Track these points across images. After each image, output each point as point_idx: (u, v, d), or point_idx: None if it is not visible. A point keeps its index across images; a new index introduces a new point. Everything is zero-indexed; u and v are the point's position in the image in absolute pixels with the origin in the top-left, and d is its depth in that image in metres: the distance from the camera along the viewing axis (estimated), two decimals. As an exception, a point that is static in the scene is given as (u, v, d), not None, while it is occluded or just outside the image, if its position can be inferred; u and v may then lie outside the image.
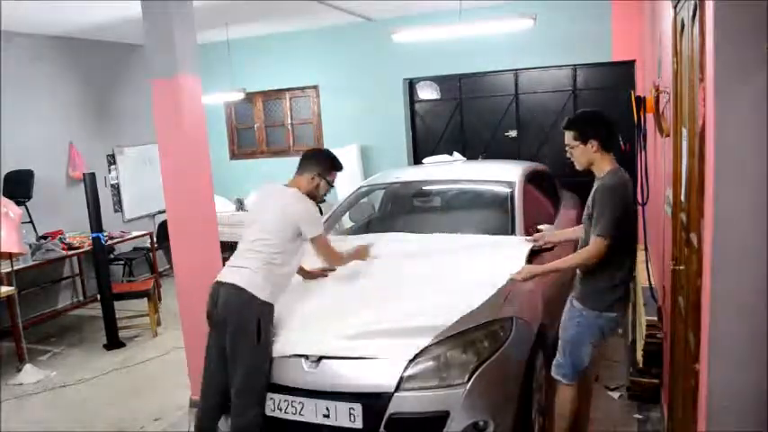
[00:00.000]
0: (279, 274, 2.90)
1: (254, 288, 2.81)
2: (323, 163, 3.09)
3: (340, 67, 7.38)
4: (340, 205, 4.59)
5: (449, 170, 4.94)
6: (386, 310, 2.89)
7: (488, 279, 3.04)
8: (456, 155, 6.25)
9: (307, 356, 2.75)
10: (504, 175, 4.19)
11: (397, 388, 2.62)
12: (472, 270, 3.20)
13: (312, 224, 2.96)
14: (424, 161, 5.88)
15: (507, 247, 3.42)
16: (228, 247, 2.93)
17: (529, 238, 3.41)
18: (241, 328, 2.80)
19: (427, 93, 7.26)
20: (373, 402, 2.62)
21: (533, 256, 3.43)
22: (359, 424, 2.66)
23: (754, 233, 1.61)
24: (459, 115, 7.05)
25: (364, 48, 7.15)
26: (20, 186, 5.66)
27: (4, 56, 5.72)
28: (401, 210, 4.66)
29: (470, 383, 2.62)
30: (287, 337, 2.86)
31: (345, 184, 6.70)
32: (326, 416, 2.69)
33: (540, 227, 3.45)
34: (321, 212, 3.32)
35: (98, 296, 5.45)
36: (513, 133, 6.81)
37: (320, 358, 2.73)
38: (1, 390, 4.47)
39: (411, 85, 7.26)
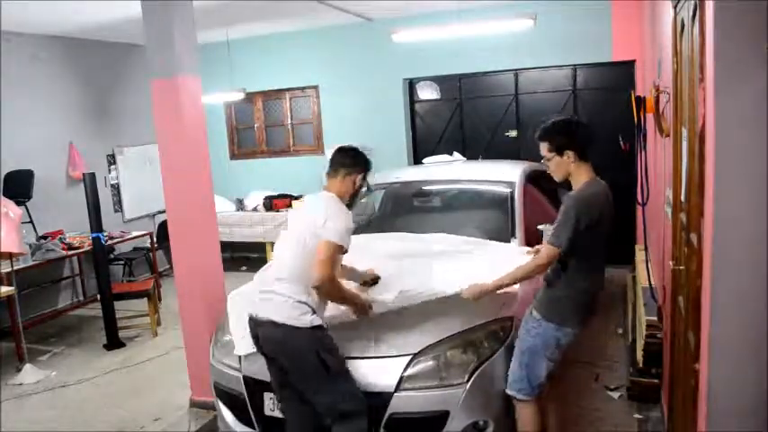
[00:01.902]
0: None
1: (293, 318, 2.50)
2: (358, 161, 2.80)
3: (340, 67, 7.37)
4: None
5: (449, 170, 4.93)
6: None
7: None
8: (456, 155, 6.24)
9: None
10: (504, 175, 4.19)
11: (397, 387, 2.62)
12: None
13: (335, 229, 2.55)
14: (424, 161, 5.87)
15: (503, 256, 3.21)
16: (228, 247, 2.86)
17: (530, 249, 3.24)
18: (300, 367, 2.53)
19: (427, 93, 7.26)
20: (373, 402, 2.62)
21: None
22: (359, 424, 2.66)
23: (754, 233, 1.61)
24: (459, 115, 7.04)
25: (364, 48, 7.14)
26: (20, 186, 5.66)
27: (4, 56, 5.72)
28: (401, 210, 4.66)
29: (470, 383, 2.63)
30: None
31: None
32: (326, 416, 2.68)
33: (539, 227, 3.44)
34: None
35: (98, 296, 5.45)
36: (513, 133, 6.80)
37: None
38: (1, 390, 4.46)
39: (411, 85, 7.25)
